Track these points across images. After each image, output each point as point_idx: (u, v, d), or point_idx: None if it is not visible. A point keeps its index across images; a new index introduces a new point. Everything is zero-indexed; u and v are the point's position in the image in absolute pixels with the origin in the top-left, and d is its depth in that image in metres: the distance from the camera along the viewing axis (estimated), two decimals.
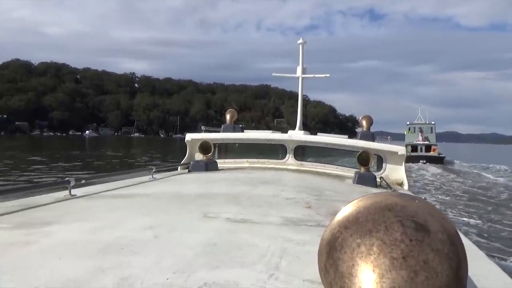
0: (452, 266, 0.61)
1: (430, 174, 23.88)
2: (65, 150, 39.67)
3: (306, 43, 6.83)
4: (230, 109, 7.03)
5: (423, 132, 37.67)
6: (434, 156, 33.75)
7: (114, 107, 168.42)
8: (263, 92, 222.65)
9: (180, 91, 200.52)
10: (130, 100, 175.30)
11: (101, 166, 24.46)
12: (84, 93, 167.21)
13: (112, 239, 1.81)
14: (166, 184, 4.20)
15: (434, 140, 37.82)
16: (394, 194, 0.72)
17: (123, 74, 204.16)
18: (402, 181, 5.64)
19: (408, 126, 40.79)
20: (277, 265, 1.50)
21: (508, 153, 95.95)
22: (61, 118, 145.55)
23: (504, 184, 20.64)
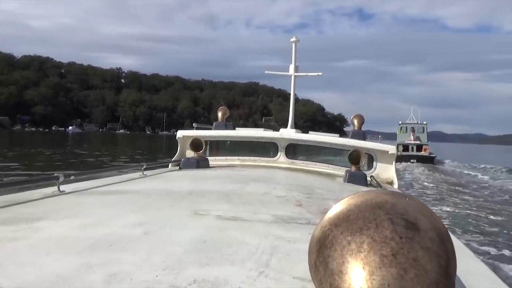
0: (441, 264, 0.62)
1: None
2: (44, 147, 37.77)
3: (299, 41, 6.78)
4: (222, 107, 6.95)
5: (415, 132, 37.87)
6: (424, 156, 33.90)
7: (99, 103, 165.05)
8: (251, 90, 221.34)
9: (168, 87, 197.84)
10: (116, 96, 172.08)
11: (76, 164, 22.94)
12: (69, 88, 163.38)
13: (101, 235, 1.81)
14: (157, 181, 4.13)
15: (425, 140, 38.08)
16: (384, 192, 0.72)
17: (109, 69, 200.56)
18: (392, 180, 5.65)
19: (400, 125, 41.07)
20: (267, 262, 1.50)
21: (494, 153, 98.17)
22: (43, 113, 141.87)
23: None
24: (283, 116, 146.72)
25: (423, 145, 36.36)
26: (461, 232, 9.41)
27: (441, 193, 16.31)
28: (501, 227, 10.26)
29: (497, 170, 30.78)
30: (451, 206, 13.05)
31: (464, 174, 27.20)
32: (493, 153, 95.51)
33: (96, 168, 12.71)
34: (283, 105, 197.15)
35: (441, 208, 12.37)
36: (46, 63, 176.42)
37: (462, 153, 75.53)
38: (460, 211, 12.28)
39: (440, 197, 15.22)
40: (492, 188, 19.63)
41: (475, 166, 34.34)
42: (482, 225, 10.49)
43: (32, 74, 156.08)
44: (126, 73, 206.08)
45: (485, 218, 11.41)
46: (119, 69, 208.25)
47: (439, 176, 23.98)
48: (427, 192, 16.60)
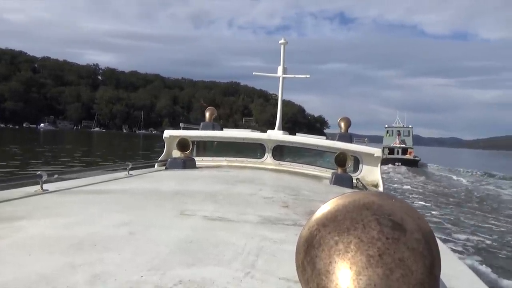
0: (426, 265, 0.62)
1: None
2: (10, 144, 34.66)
3: (287, 43, 6.73)
4: (210, 107, 6.93)
5: (400, 135, 38.79)
6: (409, 159, 34.56)
7: (74, 99, 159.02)
8: (232, 90, 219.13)
9: (147, 85, 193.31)
10: (92, 93, 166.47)
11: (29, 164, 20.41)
12: (42, 83, 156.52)
13: (85, 235, 1.78)
14: (143, 180, 4.10)
15: (411, 143, 38.72)
16: (372, 193, 0.73)
17: (86, 65, 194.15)
18: (377, 183, 5.63)
19: (386, 129, 41.83)
20: (253, 263, 1.50)
21: (468, 156, 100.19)
22: (14, 109, 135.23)
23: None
24: (264, 116, 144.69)
25: (408, 148, 37.00)
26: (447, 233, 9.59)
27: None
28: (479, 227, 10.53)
29: (474, 174, 31.99)
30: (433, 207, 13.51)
31: (445, 177, 28.00)
32: (473, 157, 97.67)
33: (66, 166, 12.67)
34: (264, 106, 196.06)
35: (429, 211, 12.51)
36: (18, 57, 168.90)
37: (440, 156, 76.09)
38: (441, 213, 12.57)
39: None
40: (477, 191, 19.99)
41: (456, 169, 35.05)
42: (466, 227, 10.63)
43: (2, 68, 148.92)
44: (103, 69, 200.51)
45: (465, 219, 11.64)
46: (96, 65, 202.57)
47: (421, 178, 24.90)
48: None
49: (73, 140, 59.23)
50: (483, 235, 9.64)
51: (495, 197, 18.08)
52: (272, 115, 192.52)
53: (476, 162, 59.98)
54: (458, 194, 18.30)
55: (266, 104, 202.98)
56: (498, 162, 70.59)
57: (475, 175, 31.18)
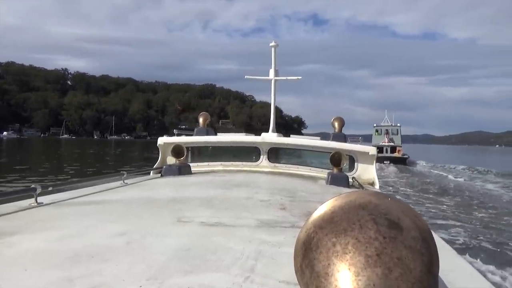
0: (424, 262, 0.63)
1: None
2: None
3: (278, 46, 6.60)
4: (203, 113, 6.83)
5: (389, 134, 39.17)
6: (397, 157, 34.99)
7: (41, 106, 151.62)
8: (207, 92, 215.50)
9: (118, 89, 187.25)
10: (61, 99, 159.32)
11: None
12: (6, 90, 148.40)
13: (81, 247, 1.76)
14: (138, 189, 4.09)
15: (399, 142, 39.31)
16: (367, 192, 0.73)
17: (54, 70, 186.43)
18: (373, 181, 5.67)
19: (375, 128, 42.46)
20: (252, 267, 1.50)
21: (440, 152, 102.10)
22: None
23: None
24: (241, 118, 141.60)
25: (397, 146, 37.53)
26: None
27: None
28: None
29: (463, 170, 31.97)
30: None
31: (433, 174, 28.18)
32: (454, 153, 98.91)
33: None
34: (240, 107, 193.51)
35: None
36: None
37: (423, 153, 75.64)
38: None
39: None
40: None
41: (445, 166, 35.38)
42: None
43: None
44: (73, 74, 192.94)
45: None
46: (65, 70, 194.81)
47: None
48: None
49: (36, 149, 54.70)
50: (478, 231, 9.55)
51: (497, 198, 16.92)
52: (249, 116, 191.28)
53: (463, 158, 60.54)
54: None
55: (243, 106, 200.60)
56: (484, 157, 71.84)
57: (467, 172, 30.56)
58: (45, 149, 52.70)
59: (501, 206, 13.70)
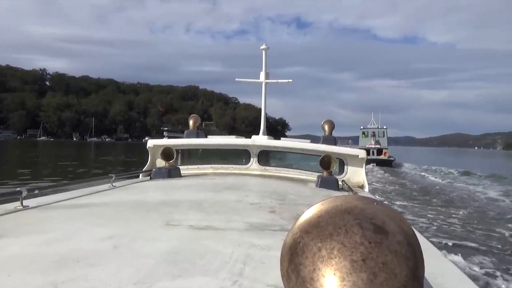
0: (409, 267, 0.63)
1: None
2: None
3: (269, 49, 6.64)
4: (193, 115, 6.77)
5: (375, 136, 39.62)
6: (383, 159, 35.14)
7: (18, 107, 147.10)
8: (191, 94, 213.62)
9: (99, 90, 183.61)
10: (38, 100, 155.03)
11: None
12: None
13: (67, 251, 1.74)
14: (127, 192, 4.03)
15: (385, 144, 39.66)
16: (353, 197, 0.73)
17: (31, 70, 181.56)
18: (363, 184, 5.73)
19: (362, 130, 42.72)
20: (241, 271, 1.50)
21: (422, 154, 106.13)
22: None
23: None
24: (224, 120, 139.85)
25: (383, 149, 37.71)
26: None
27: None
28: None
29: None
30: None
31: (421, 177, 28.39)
32: (432, 155, 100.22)
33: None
34: (223, 109, 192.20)
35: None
36: None
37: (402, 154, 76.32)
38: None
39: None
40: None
41: (434, 169, 35.32)
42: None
43: None
44: (52, 75, 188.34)
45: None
46: (44, 70, 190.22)
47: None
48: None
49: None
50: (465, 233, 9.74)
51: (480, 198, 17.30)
52: (233, 118, 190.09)
53: (447, 161, 61.36)
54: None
55: (226, 107, 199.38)
56: (469, 160, 73.10)
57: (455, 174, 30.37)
58: (21, 152, 50.49)
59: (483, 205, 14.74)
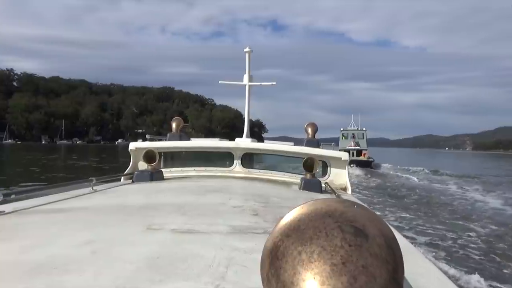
0: (389, 270, 0.62)
1: None
2: None
3: (252, 51, 6.62)
4: (176, 117, 6.80)
5: (355, 138, 40.43)
6: (363, 160, 35.78)
7: None
8: (166, 95, 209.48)
9: (70, 91, 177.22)
10: (4, 101, 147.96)
11: None
12: None
13: (44, 257, 1.68)
14: (108, 195, 4.00)
15: (365, 145, 40.39)
16: (334, 200, 0.72)
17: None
18: (345, 186, 5.70)
19: (342, 132, 43.61)
20: (223, 275, 1.48)
21: (398, 155, 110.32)
22: None
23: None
24: (200, 122, 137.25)
25: (363, 150, 38.54)
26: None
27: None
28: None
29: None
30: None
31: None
32: (407, 155, 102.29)
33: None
34: (200, 111, 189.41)
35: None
36: None
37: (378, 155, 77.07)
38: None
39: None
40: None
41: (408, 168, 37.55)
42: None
43: None
44: (19, 75, 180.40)
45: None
46: (10, 70, 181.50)
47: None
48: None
49: None
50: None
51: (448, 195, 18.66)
52: (209, 120, 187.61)
53: (425, 161, 63.75)
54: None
55: (202, 109, 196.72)
56: (444, 160, 75.31)
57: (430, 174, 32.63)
58: None
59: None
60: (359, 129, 43.97)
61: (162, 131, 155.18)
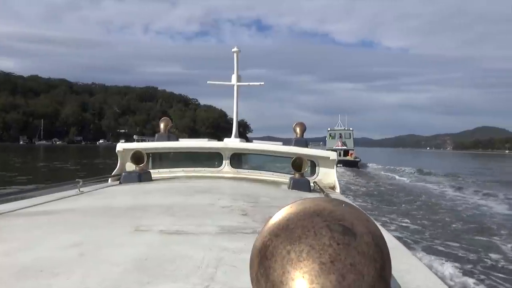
0: (376, 267, 0.63)
1: None
2: None
3: (240, 51, 6.62)
4: (164, 118, 6.81)
5: (342, 138, 41.03)
6: (350, 160, 36.04)
7: None
8: (149, 95, 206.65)
9: (50, 90, 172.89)
10: None
11: None
12: None
13: (30, 260, 1.66)
14: (95, 197, 3.96)
15: (352, 145, 40.97)
16: (322, 199, 0.73)
17: None
18: (334, 185, 5.74)
19: (329, 132, 44.18)
20: (212, 275, 1.47)
21: (382, 154, 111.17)
22: None
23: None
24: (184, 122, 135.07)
25: (349, 150, 38.99)
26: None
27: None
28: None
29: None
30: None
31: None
32: (391, 155, 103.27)
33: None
34: (183, 111, 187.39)
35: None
36: None
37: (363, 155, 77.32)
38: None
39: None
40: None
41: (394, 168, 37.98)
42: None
43: None
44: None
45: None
46: None
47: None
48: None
49: None
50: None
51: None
52: (193, 120, 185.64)
53: (411, 161, 64.27)
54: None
55: (186, 109, 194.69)
56: (429, 160, 76.38)
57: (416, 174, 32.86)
58: None
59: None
60: (346, 129, 44.64)
61: (145, 131, 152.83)
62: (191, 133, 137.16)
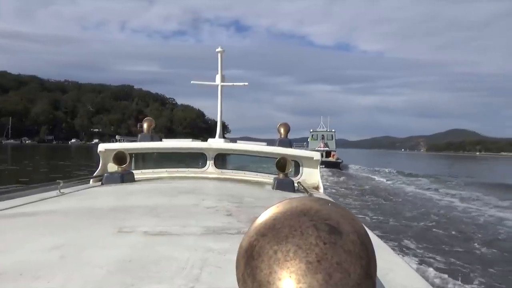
0: (363, 265, 0.64)
1: None
2: None
3: (224, 51, 6.58)
4: (148, 118, 6.67)
5: (324, 139, 41.35)
6: (332, 161, 36.16)
7: None
8: (124, 94, 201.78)
9: (20, 87, 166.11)
10: None
11: None
12: None
13: (8, 264, 1.62)
14: (76, 198, 3.90)
15: (334, 147, 41.45)
16: (309, 198, 0.73)
17: None
18: (317, 185, 5.81)
19: (312, 133, 44.67)
20: (197, 277, 1.47)
21: (360, 156, 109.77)
22: None
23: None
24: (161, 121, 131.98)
25: (332, 151, 39.14)
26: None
27: None
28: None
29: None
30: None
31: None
32: (369, 156, 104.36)
33: None
34: (160, 110, 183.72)
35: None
36: None
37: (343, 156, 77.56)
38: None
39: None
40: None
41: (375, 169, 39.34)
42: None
43: None
44: None
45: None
46: None
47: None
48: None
49: None
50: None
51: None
52: (170, 120, 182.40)
53: (393, 162, 66.52)
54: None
55: (163, 108, 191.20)
56: (409, 161, 77.63)
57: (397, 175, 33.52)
58: None
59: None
60: (328, 130, 45.36)
61: (120, 130, 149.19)
62: (168, 133, 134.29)
